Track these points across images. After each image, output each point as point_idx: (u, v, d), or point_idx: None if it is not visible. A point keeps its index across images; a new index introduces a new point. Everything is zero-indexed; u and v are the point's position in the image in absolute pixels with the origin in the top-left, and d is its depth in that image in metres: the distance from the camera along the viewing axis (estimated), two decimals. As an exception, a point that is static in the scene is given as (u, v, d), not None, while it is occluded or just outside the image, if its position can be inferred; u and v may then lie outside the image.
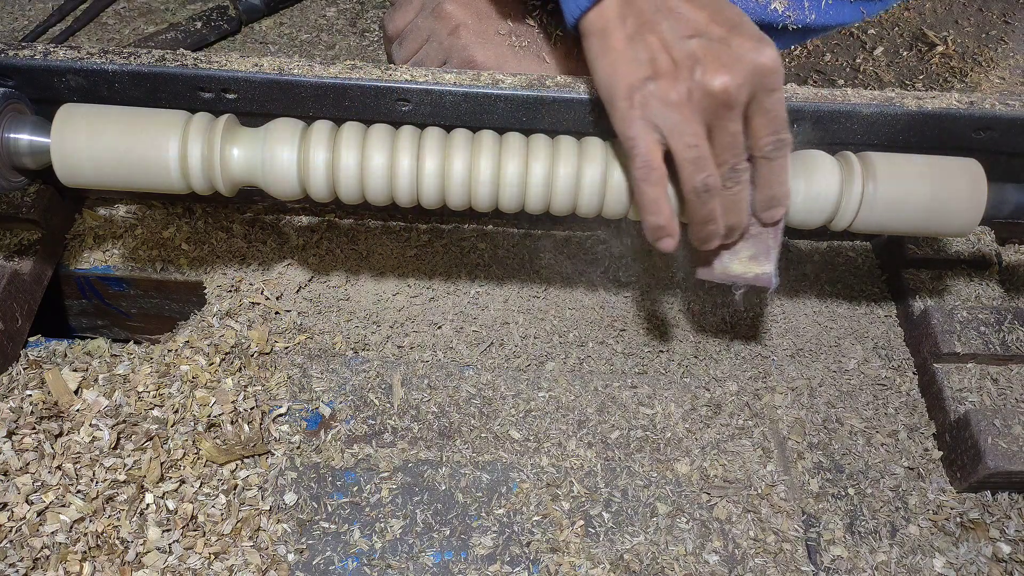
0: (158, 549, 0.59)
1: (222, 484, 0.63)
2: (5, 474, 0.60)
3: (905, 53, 1.10)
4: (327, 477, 0.65)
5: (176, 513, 0.61)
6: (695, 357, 0.76)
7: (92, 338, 0.70)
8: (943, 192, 0.61)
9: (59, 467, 0.61)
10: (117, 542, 0.59)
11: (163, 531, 0.60)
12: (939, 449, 0.71)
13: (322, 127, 0.59)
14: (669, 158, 0.54)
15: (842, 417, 0.72)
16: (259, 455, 0.65)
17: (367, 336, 0.74)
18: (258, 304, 0.74)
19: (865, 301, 0.81)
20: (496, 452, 0.68)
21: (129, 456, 0.62)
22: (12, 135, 0.59)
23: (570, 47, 0.71)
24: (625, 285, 0.79)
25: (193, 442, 0.64)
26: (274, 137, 0.58)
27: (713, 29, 0.51)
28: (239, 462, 0.65)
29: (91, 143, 0.57)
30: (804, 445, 0.70)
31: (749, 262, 0.61)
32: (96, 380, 0.66)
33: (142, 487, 0.61)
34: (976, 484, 0.67)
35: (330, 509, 0.64)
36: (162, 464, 0.62)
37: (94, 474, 0.61)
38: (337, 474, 0.66)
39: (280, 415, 0.68)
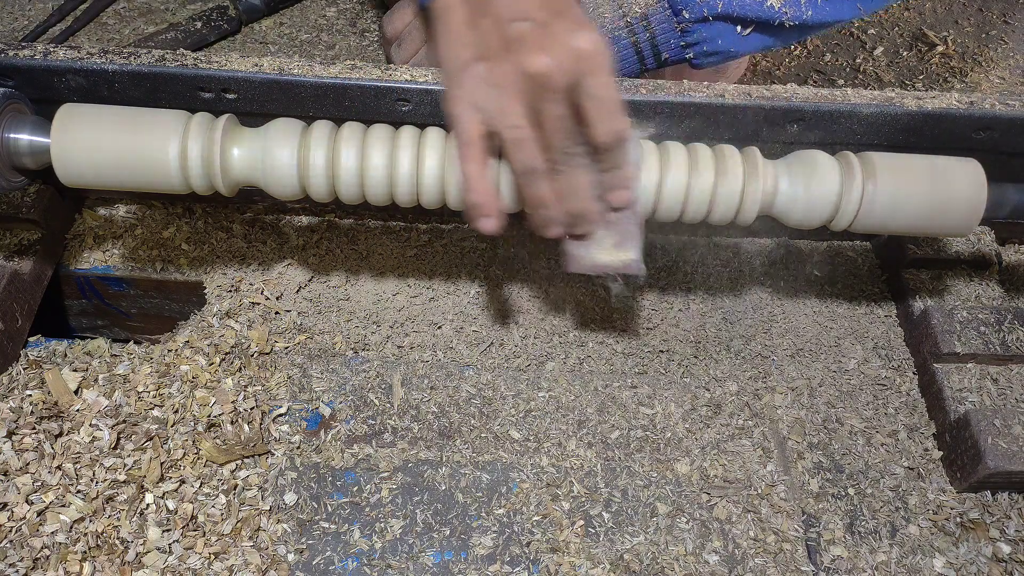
0: (158, 549, 0.59)
1: (222, 484, 0.63)
2: (5, 474, 0.60)
3: (905, 53, 1.10)
4: (327, 477, 0.65)
5: (176, 513, 0.61)
6: (695, 357, 0.76)
7: (92, 338, 0.70)
8: (943, 192, 0.61)
9: (59, 467, 0.61)
10: (117, 542, 0.59)
11: (163, 531, 0.60)
12: (939, 449, 0.71)
13: (322, 127, 0.59)
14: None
15: (842, 417, 0.72)
16: (259, 455, 0.65)
17: (367, 336, 0.74)
18: (258, 304, 0.74)
19: (865, 301, 0.81)
20: (496, 452, 0.68)
21: (129, 456, 0.62)
22: (12, 135, 0.59)
23: None
24: (625, 285, 0.79)
25: (193, 442, 0.64)
26: (274, 137, 0.58)
27: (539, 14, 0.51)
28: (239, 462, 0.65)
29: (91, 143, 0.57)
30: (804, 445, 0.70)
31: (614, 250, 0.60)
32: (96, 380, 0.66)
33: (142, 487, 0.61)
34: (976, 484, 0.67)
35: (330, 509, 0.64)
36: (162, 464, 0.62)
37: (94, 474, 0.61)
38: (337, 474, 0.66)
39: (280, 415, 0.68)
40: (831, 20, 0.68)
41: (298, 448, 0.67)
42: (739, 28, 0.68)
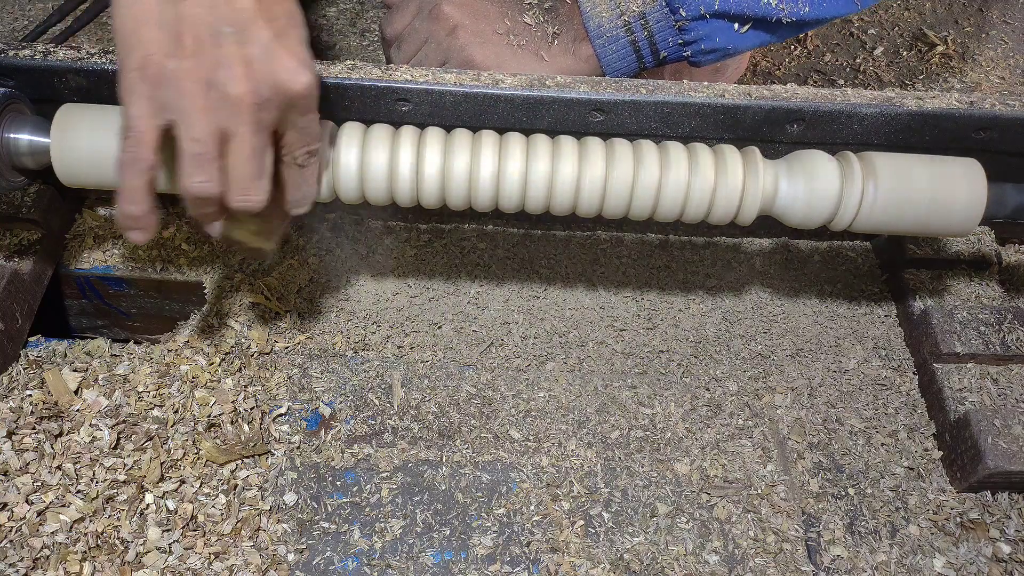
0: (158, 549, 0.59)
1: (222, 484, 0.63)
2: (5, 474, 0.60)
3: (905, 53, 1.10)
4: (327, 477, 0.65)
5: (176, 513, 0.61)
6: (695, 357, 0.76)
7: (92, 338, 0.70)
8: (943, 192, 0.61)
9: (59, 467, 0.61)
10: (117, 542, 0.59)
11: (163, 531, 0.60)
12: (939, 449, 0.71)
13: (322, 127, 0.59)
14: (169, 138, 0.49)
15: (842, 417, 0.72)
16: (259, 455, 0.65)
17: (367, 336, 0.74)
18: (258, 304, 0.74)
19: (865, 301, 0.81)
20: (496, 452, 0.68)
21: (129, 456, 0.62)
22: (12, 135, 0.59)
23: (568, 44, 0.71)
24: (625, 285, 0.79)
25: (193, 442, 0.64)
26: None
27: (255, 28, 0.46)
28: (239, 462, 0.65)
29: (91, 143, 0.57)
30: (804, 445, 0.70)
31: (254, 236, 0.58)
32: (96, 380, 0.66)
33: (142, 487, 0.61)
34: (976, 484, 0.67)
35: (330, 509, 0.64)
36: (162, 464, 0.62)
37: (94, 474, 0.61)
38: (337, 474, 0.66)
39: (280, 415, 0.68)
40: (828, 16, 0.68)
41: (298, 448, 0.67)
42: (736, 25, 0.68)
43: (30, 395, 0.64)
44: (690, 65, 0.73)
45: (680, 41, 0.70)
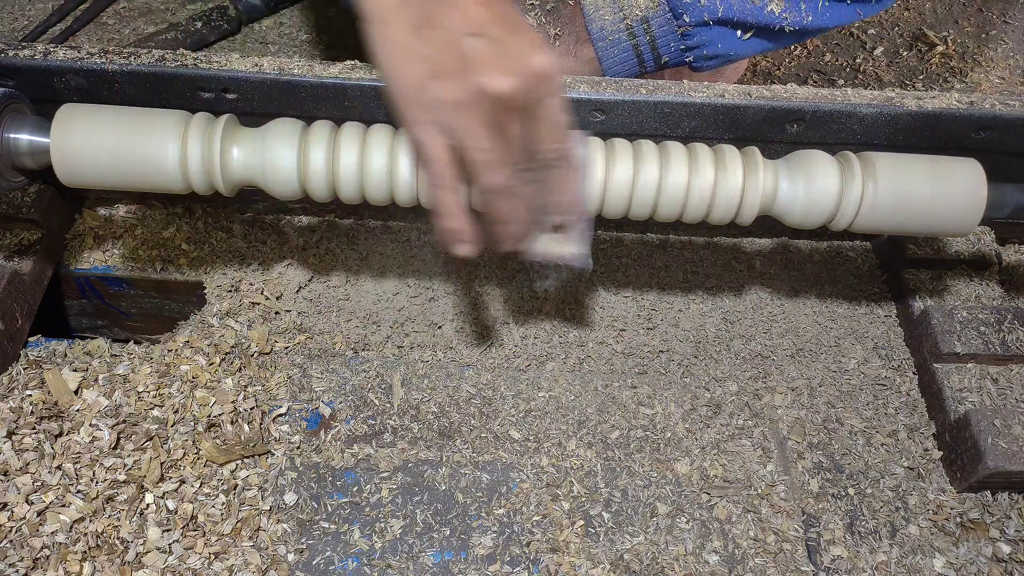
0: (158, 549, 0.59)
1: (222, 484, 0.63)
2: (5, 474, 0.60)
3: (905, 53, 1.10)
4: (327, 477, 0.65)
5: (176, 513, 0.61)
6: (695, 357, 0.76)
7: (92, 338, 0.70)
8: (943, 192, 0.60)
9: (59, 467, 0.61)
10: (117, 542, 0.59)
11: (163, 531, 0.60)
12: (939, 449, 0.70)
13: (322, 127, 0.59)
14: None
15: (842, 417, 0.72)
16: (259, 455, 0.65)
17: (367, 336, 0.74)
18: (258, 304, 0.74)
19: (865, 301, 0.81)
20: (496, 452, 0.68)
21: (129, 456, 0.62)
22: (12, 135, 0.59)
23: (569, 46, 0.71)
24: (625, 285, 0.79)
25: (193, 442, 0.64)
26: (274, 137, 0.58)
27: (493, 29, 0.49)
28: (239, 462, 0.65)
29: (91, 143, 0.57)
30: (804, 445, 0.70)
31: (560, 242, 0.60)
32: (96, 380, 0.66)
33: (142, 487, 0.61)
34: (976, 484, 0.67)
35: (330, 509, 0.64)
36: (162, 464, 0.62)
37: (94, 474, 0.61)
38: (337, 474, 0.66)
39: (280, 415, 0.68)
40: (830, 25, 0.68)
41: (298, 448, 0.67)
42: (739, 32, 0.68)
43: (30, 395, 0.64)
44: (691, 70, 0.73)
45: (682, 46, 0.70)
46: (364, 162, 0.59)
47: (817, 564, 0.64)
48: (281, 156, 0.58)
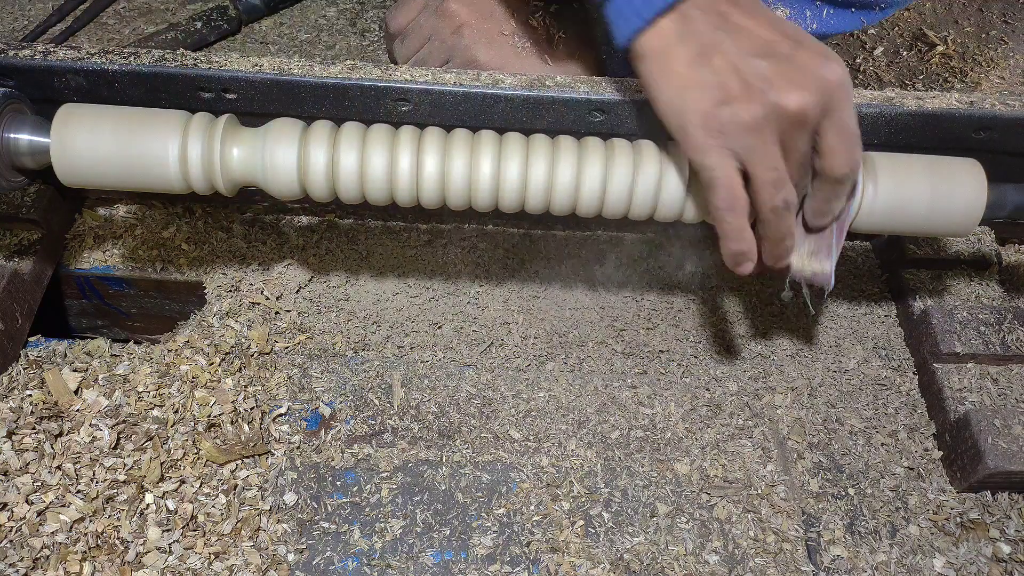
0: (158, 549, 0.59)
1: (222, 484, 0.63)
2: (5, 474, 0.60)
3: (905, 53, 1.10)
4: (327, 477, 0.65)
5: (176, 513, 0.61)
6: (695, 357, 0.76)
7: (92, 338, 0.70)
8: (943, 192, 0.60)
9: (59, 467, 0.61)
10: (117, 542, 0.59)
11: (163, 531, 0.60)
12: (939, 449, 0.70)
13: (322, 127, 0.59)
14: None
15: (842, 417, 0.72)
16: (259, 455, 0.65)
17: (367, 336, 0.74)
18: (258, 304, 0.74)
19: (865, 301, 0.81)
20: (496, 452, 0.68)
21: (129, 456, 0.62)
22: (12, 135, 0.59)
23: (572, 49, 0.71)
24: (625, 285, 0.79)
25: (193, 442, 0.64)
26: (274, 137, 0.58)
27: (779, 46, 0.49)
28: (239, 462, 0.65)
29: (91, 143, 0.57)
30: (804, 445, 0.70)
31: (809, 258, 0.60)
32: (96, 380, 0.66)
33: (142, 487, 0.61)
34: (976, 484, 0.67)
35: (330, 509, 0.64)
36: (162, 464, 0.62)
37: (94, 474, 0.61)
38: (337, 474, 0.66)
39: (280, 415, 0.68)
40: (832, 32, 0.69)
41: (298, 448, 0.67)
42: None
43: (30, 395, 0.64)
44: None
45: None
46: (364, 162, 0.59)
47: (817, 564, 0.64)
48: (281, 156, 0.58)
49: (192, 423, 0.65)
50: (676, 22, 0.50)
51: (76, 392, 0.65)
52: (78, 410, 0.64)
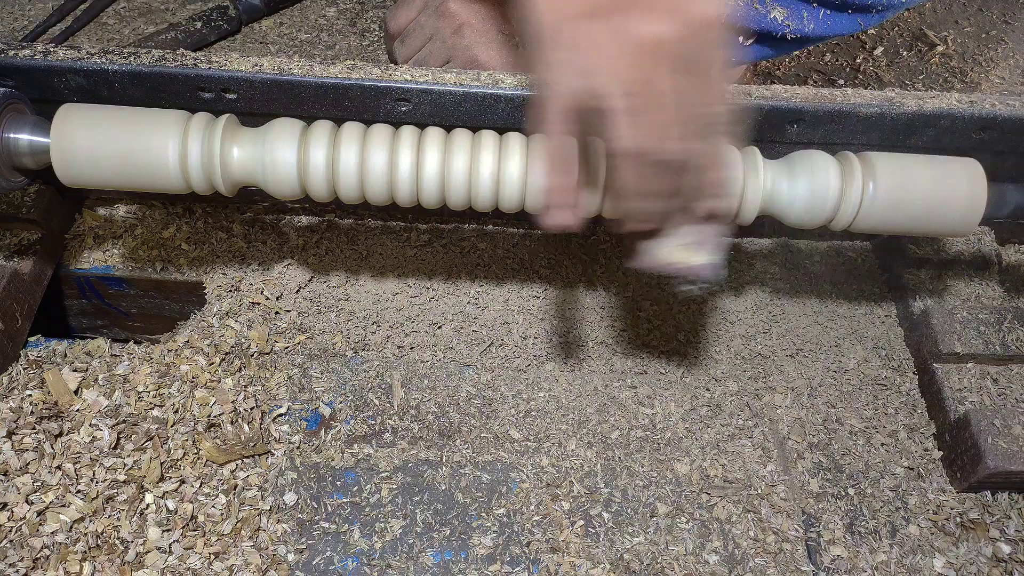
0: (158, 549, 0.59)
1: (222, 484, 0.63)
2: (5, 474, 0.60)
3: (905, 53, 1.10)
4: (327, 477, 0.65)
5: (176, 513, 0.61)
6: (695, 357, 0.76)
7: (92, 338, 0.70)
8: (943, 192, 0.61)
9: (59, 467, 0.61)
10: (117, 542, 0.59)
11: (163, 531, 0.60)
12: (939, 449, 0.70)
13: (322, 127, 0.59)
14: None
15: (842, 417, 0.72)
16: (259, 455, 0.65)
17: (367, 336, 0.74)
18: (258, 304, 0.74)
19: (865, 301, 0.81)
20: (496, 452, 0.68)
21: (129, 456, 0.62)
22: (12, 135, 0.59)
23: None
24: (625, 285, 0.79)
25: (193, 442, 0.64)
26: (274, 137, 0.58)
27: None
28: (239, 462, 0.65)
29: (91, 143, 0.57)
30: (804, 445, 0.70)
31: (689, 250, 0.53)
32: (96, 380, 0.66)
33: (142, 487, 0.61)
34: (976, 484, 0.67)
35: (330, 509, 0.64)
36: (162, 464, 0.62)
37: (94, 474, 0.61)
38: (337, 474, 0.66)
39: (280, 415, 0.68)
40: (831, 34, 0.68)
41: (298, 448, 0.67)
42: (740, 39, 0.68)
43: (30, 395, 0.64)
44: None
45: None
46: (364, 162, 0.59)
47: (817, 564, 0.64)
48: (281, 156, 0.58)
49: (192, 423, 0.65)
50: None
51: (76, 392, 0.65)
52: (78, 410, 0.64)
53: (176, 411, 0.65)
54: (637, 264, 0.55)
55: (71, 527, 0.59)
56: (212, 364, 0.68)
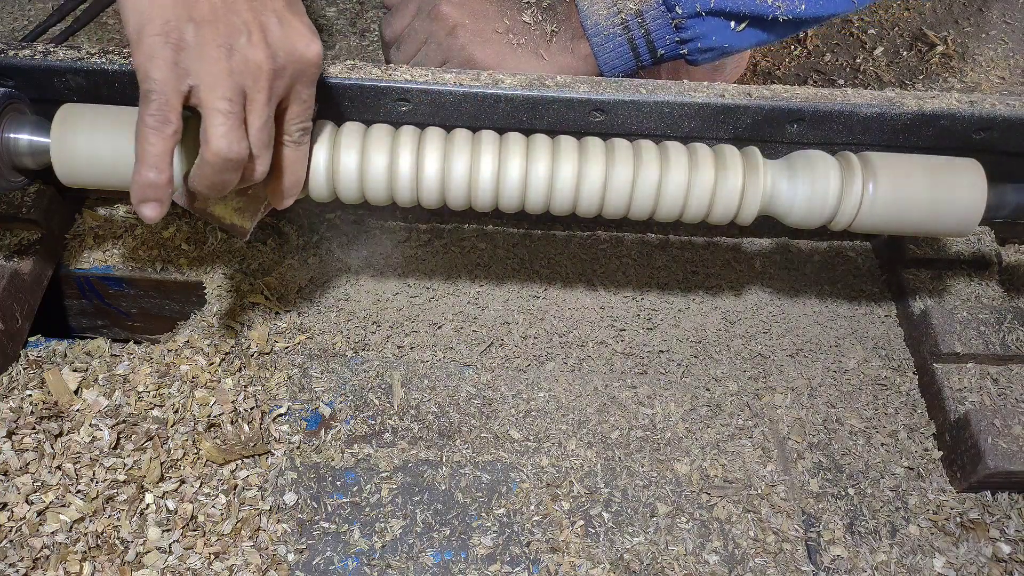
0: (158, 549, 0.59)
1: (222, 484, 0.63)
2: (5, 474, 0.60)
3: (905, 53, 1.10)
4: (327, 477, 0.65)
5: (176, 513, 0.61)
6: (695, 357, 0.76)
7: (92, 338, 0.70)
8: (943, 192, 0.61)
9: (59, 467, 0.61)
10: (117, 542, 0.59)
11: (163, 531, 0.60)
12: (939, 449, 0.70)
13: (322, 127, 0.59)
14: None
15: (842, 417, 0.72)
16: (259, 455, 0.65)
17: (367, 336, 0.74)
18: (258, 304, 0.74)
19: (865, 301, 0.81)
20: (496, 452, 0.68)
21: (129, 456, 0.62)
22: (12, 135, 0.59)
23: (566, 43, 0.71)
24: (625, 285, 0.79)
25: (193, 442, 0.64)
26: (274, 137, 0.58)
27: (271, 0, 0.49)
28: (239, 462, 0.65)
29: (91, 143, 0.57)
30: (804, 445, 0.70)
31: (235, 213, 0.60)
32: (96, 380, 0.66)
33: (142, 487, 0.61)
34: (976, 484, 0.67)
35: (330, 509, 0.64)
36: (162, 464, 0.62)
37: (94, 474, 0.61)
38: (337, 474, 0.66)
39: (280, 415, 0.68)
40: (825, 14, 0.68)
41: (298, 448, 0.67)
42: (733, 23, 0.68)
43: (30, 395, 0.64)
44: (688, 64, 0.73)
45: (677, 39, 0.69)
46: (364, 162, 0.59)
47: (817, 564, 0.64)
48: (281, 156, 0.58)
49: (192, 423, 0.65)
50: None
51: (76, 392, 0.65)
52: (78, 410, 0.64)
53: (176, 411, 0.65)
54: (181, 203, 0.58)
55: (71, 527, 0.59)
56: (212, 364, 0.68)
